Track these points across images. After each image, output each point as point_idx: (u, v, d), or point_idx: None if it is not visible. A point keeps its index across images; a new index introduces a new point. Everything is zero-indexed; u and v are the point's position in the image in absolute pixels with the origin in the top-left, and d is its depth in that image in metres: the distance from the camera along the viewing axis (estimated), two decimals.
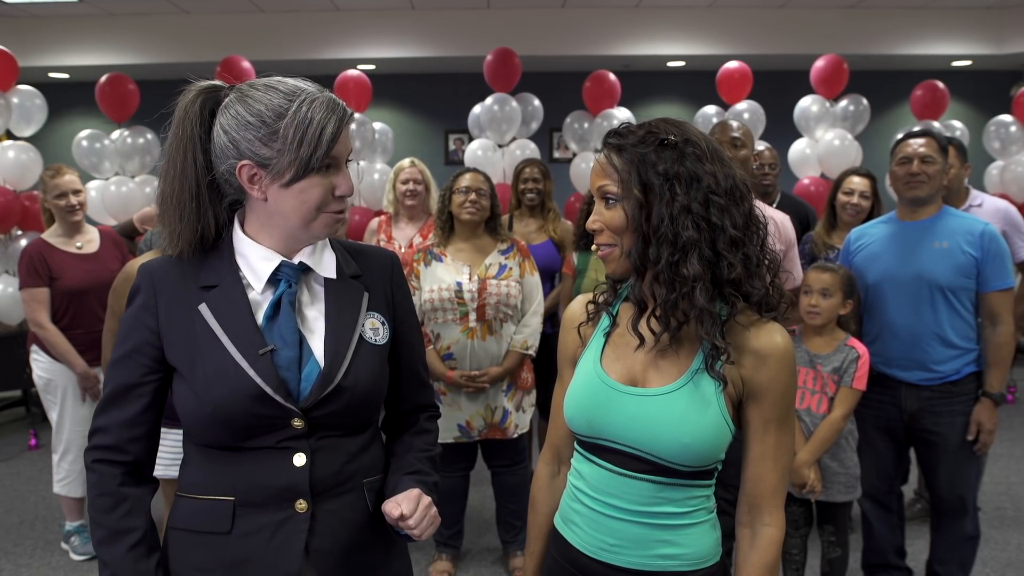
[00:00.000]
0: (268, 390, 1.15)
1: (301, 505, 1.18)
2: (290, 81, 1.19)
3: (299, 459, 1.18)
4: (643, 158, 1.15)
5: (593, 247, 1.25)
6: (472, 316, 2.88)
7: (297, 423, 1.18)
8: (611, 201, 1.19)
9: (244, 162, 1.15)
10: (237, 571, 1.17)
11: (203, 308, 1.18)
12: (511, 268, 2.97)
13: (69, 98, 6.77)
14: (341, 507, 1.21)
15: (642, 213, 1.15)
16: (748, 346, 1.17)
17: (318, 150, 1.14)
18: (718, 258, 1.14)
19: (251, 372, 1.15)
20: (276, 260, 1.21)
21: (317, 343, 1.21)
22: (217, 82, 1.22)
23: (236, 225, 1.24)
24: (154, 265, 1.24)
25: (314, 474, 1.18)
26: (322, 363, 1.19)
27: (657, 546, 1.19)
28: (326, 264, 1.26)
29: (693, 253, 1.13)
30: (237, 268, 1.21)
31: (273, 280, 1.22)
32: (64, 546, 3.41)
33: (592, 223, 1.21)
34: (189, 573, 1.20)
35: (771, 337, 1.17)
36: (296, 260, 1.23)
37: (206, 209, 1.20)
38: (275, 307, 1.20)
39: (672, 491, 1.19)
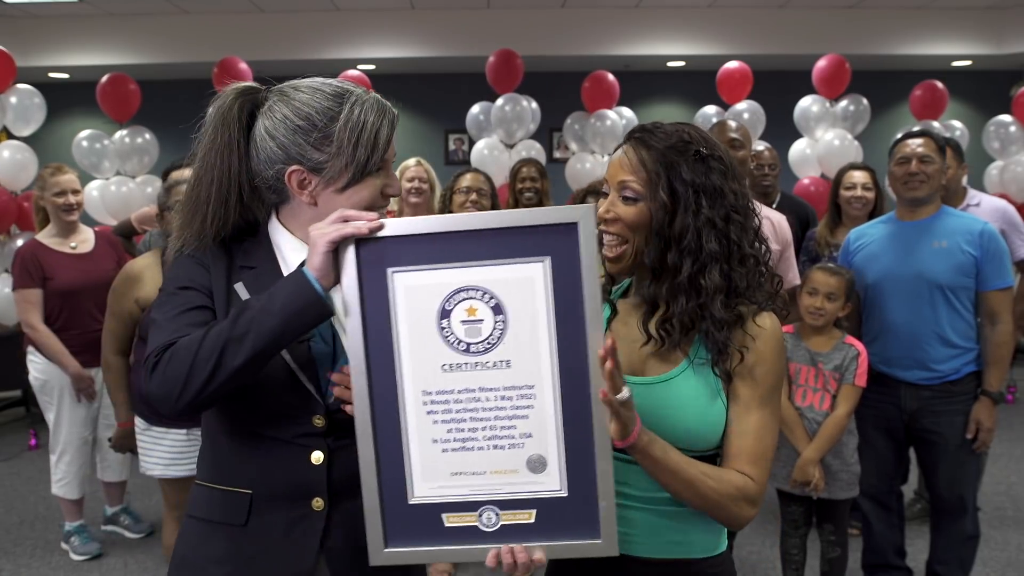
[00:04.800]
0: (303, 378, 1.14)
1: (318, 503, 1.17)
2: (333, 82, 1.18)
3: (316, 457, 1.17)
4: (674, 164, 1.16)
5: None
6: None
7: (318, 421, 1.17)
8: (631, 198, 1.18)
9: (294, 167, 1.14)
10: (251, 565, 1.17)
11: (239, 287, 1.17)
12: None
13: (69, 98, 6.77)
14: (357, 507, 1.19)
15: (666, 218, 1.16)
16: (742, 330, 1.19)
17: (375, 153, 1.13)
18: (731, 271, 1.17)
19: (287, 356, 1.14)
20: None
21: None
22: (253, 84, 1.21)
23: (273, 216, 1.23)
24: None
25: (332, 474, 1.18)
26: None
27: (666, 533, 1.19)
28: None
29: (715, 266, 1.15)
30: (275, 255, 1.21)
31: None
32: (64, 546, 3.41)
33: (606, 212, 1.19)
34: (203, 563, 1.19)
35: (761, 319, 1.20)
36: None
37: (240, 212, 1.19)
38: None
39: None
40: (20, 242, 4.38)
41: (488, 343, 1.03)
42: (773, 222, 2.72)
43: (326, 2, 6.57)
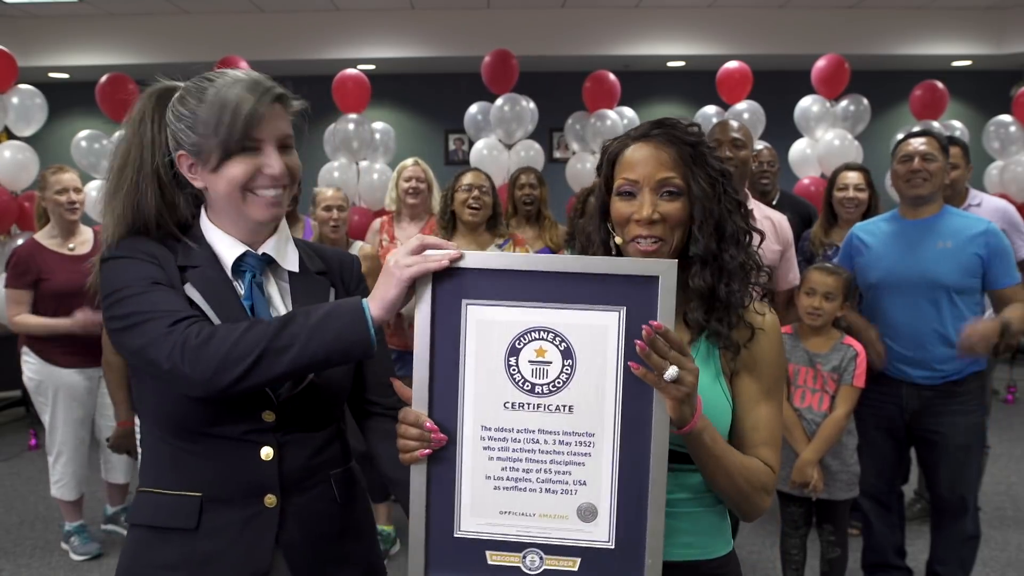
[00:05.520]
0: None
1: (270, 499, 1.17)
2: (223, 70, 1.19)
3: (266, 452, 1.17)
4: (703, 155, 1.19)
5: (621, 239, 1.22)
6: None
7: (267, 416, 1.17)
8: (674, 193, 1.18)
9: (180, 152, 1.17)
10: (205, 568, 1.16)
11: (188, 288, 1.16)
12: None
13: (69, 98, 6.76)
14: (310, 500, 1.21)
15: (707, 208, 1.18)
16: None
17: (234, 131, 1.12)
18: (747, 247, 1.23)
19: None
20: (241, 248, 1.21)
21: None
22: (176, 83, 1.22)
23: (203, 213, 1.24)
24: (135, 240, 1.19)
25: (282, 468, 1.18)
26: None
27: (678, 535, 1.20)
28: (290, 258, 1.26)
29: (740, 242, 1.20)
30: (213, 252, 1.21)
31: (237, 271, 1.21)
32: (64, 546, 3.41)
33: (652, 214, 1.17)
34: (153, 572, 1.18)
35: (760, 308, 1.24)
36: (260, 251, 1.22)
37: (167, 198, 1.20)
38: (249, 296, 1.19)
39: (685, 477, 1.19)
40: (20, 242, 4.38)
41: (553, 386, 1.03)
42: (774, 222, 2.72)
43: (326, 2, 6.57)
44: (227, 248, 1.21)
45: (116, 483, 3.50)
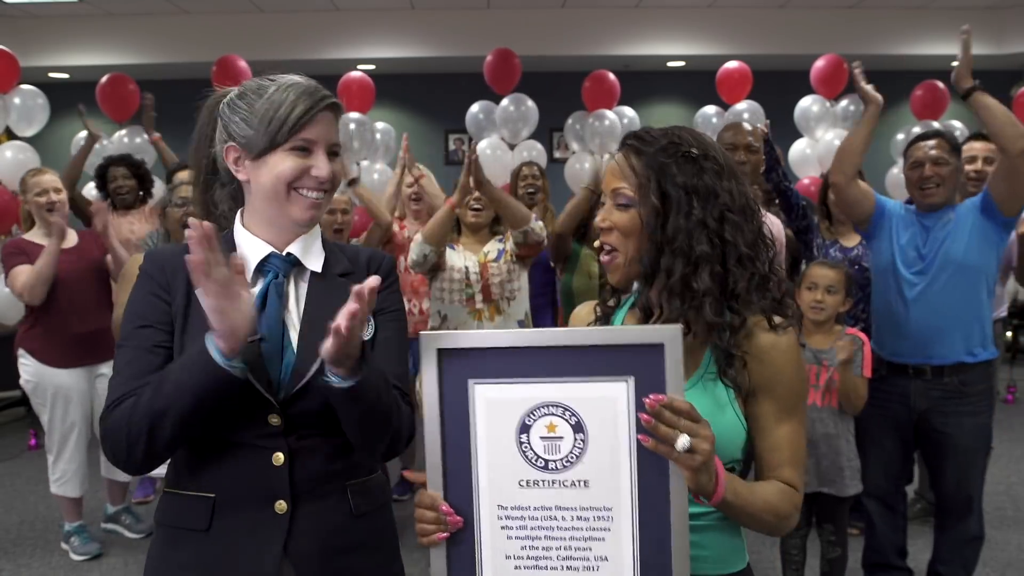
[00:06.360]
0: (250, 378, 1.13)
1: (280, 506, 1.17)
2: (287, 75, 1.23)
3: (278, 458, 1.17)
4: (664, 167, 1.15)
5: (596, 243, 1.24)
6: (478, 297, 3.02)
7: (274, 420, 1.16)
8: (624, 204, 1.18)
9: (230, 144, 1.21)
10: (214, 571, 1.16)
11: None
12: (508, 251, 3.11)
13: (69, 98, 6.74)
14: (322, 509, 1.20)
15: (657, 221, 1.15)
16: (752, 343, 1.17)
17: (284, 126, 1.16)
18: (727, 273, 1.16)
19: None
20: (266, 250, 1.22)
21: (295, 336, 1.21)
22: (237, 88, 1.26)
23: (238, 218, 1.26)
24: (160, 251, 1.27)
25: (294, 475, 1.17)
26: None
27: (691, 549, 1.18)
28: (313, 258, 1.26)
29: (705, 268, 1.14)
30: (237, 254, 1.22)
31: (262, 271, 1.22)
32: (64, 546, 3.41)
33: (602, 221, 1.20)
34: (171, 570, 1.19)
35: (774, 332, 1.18)
36: (285, 252, 1.23)
37: (210, 194, 1.29)
38: (263, 297, 1.20)
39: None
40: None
41: (567, 461, 1.02)
42: (771, 222, 2.73)
43: (326, 2, 6.57)
44: (252, 250, 1.23)
45: (117, 480, 3.50)
